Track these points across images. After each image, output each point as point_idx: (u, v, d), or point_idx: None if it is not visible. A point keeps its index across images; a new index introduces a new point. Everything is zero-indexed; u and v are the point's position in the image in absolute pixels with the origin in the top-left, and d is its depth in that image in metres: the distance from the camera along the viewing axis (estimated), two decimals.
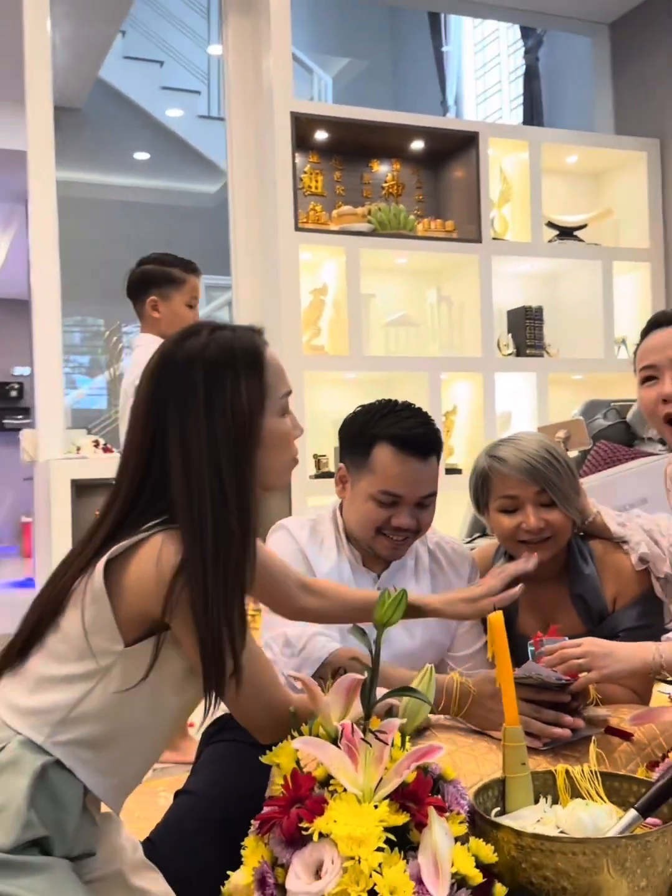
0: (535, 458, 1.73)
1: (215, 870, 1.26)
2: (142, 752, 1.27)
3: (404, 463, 1.65)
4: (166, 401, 1.19)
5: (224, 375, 1.18)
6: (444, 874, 1.00)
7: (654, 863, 1.05)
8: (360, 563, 1.75)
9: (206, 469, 1.16)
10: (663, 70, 4.73)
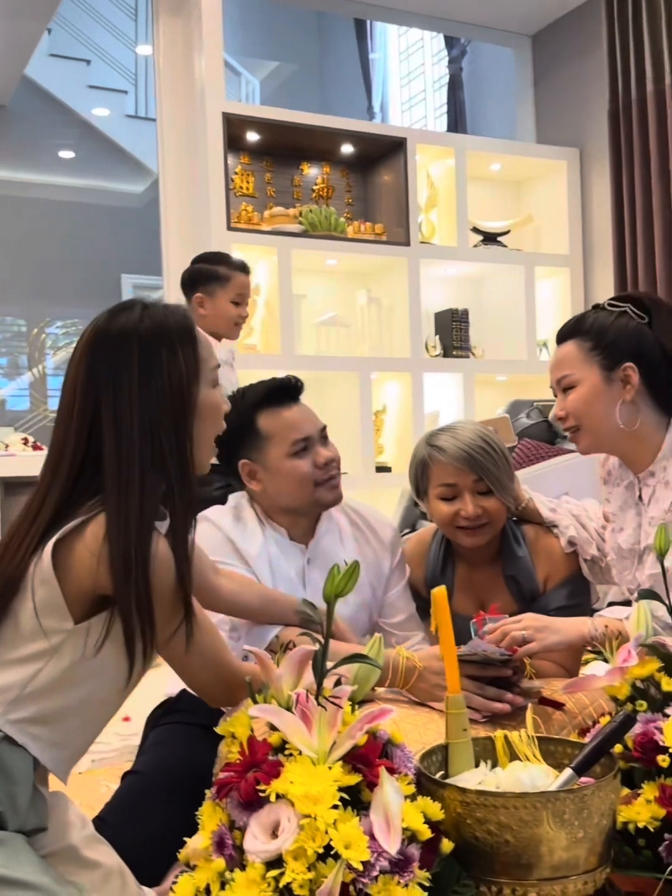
0: (472, 448, 1.80)
1: (167, 841, 1.29)
2: (93, 721, 1.30)
3: (290, 410, 1.76)
4: (101, 374, 1.22)
5: (160, 346, 1.23)
6: (396, 829, 1.05)
7: (590, 815, 1.12)
8: (286, 538, 1.80)
9: (138, 438, 1.20)
10: (583, 82, 4.91)
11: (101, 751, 2.44)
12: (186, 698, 1.75)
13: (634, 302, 1.71)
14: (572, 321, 1.76)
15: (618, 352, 1.68)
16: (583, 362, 1.70)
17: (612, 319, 1.71)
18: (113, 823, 1.44)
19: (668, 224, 4.28)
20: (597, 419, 1.70)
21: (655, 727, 1.29)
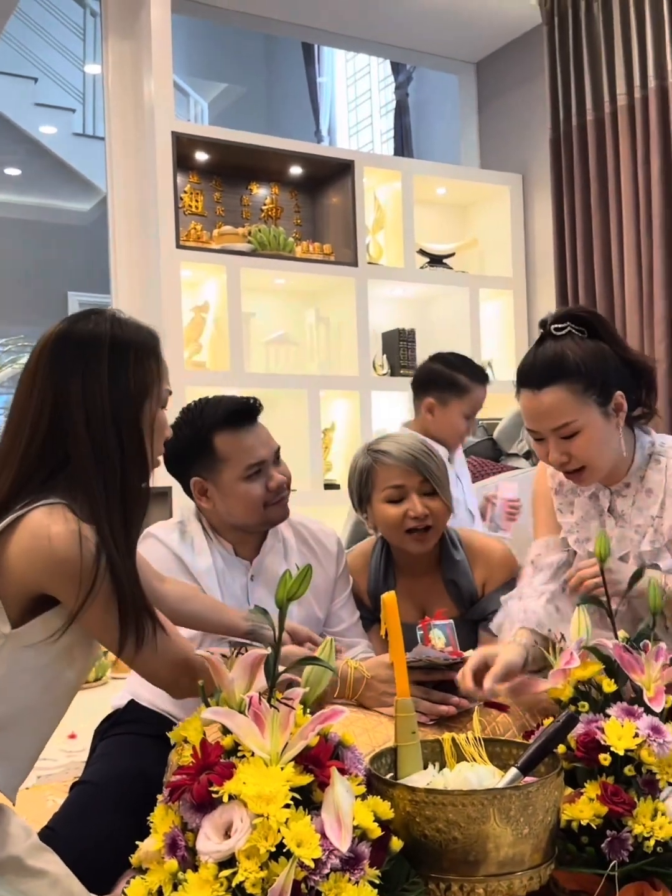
0: (415, 450, 1.88)
1: (117, 848, 1.30)
2: (37, 732, 1.29)
3: (245, 433, 1.76)
4: (68, 372, 1.24)
5: (128, 351, 1.27)
6: (346, 827, 1.07)
7: (535, 811, 1.15)
8: (232, 554, 1.82)
9: (109, 427, 1.23)
10: (525, 109, 5.04)
11: (47, 767, 2.42)
12: (133, 709, 1.75)
13: (572, 318, 1.70)
14: (550, 363, 1.66)
15: (607, 383, 1.66)
16: (581, 406, 1.64)
17: (584, 349, 1.66)
18: (62, 833, 1.44)
19: (607, 248, 4.40)
20: (604, 457, 1.69)
21: (597, 727, 1.33)
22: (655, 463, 1.75)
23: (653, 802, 1.28)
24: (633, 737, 1.30)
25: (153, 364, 1.30)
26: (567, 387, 1.64)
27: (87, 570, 1.18)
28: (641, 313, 4.18)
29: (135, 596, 1.23)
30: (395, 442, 1.91)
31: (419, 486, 1.88)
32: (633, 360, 1.71)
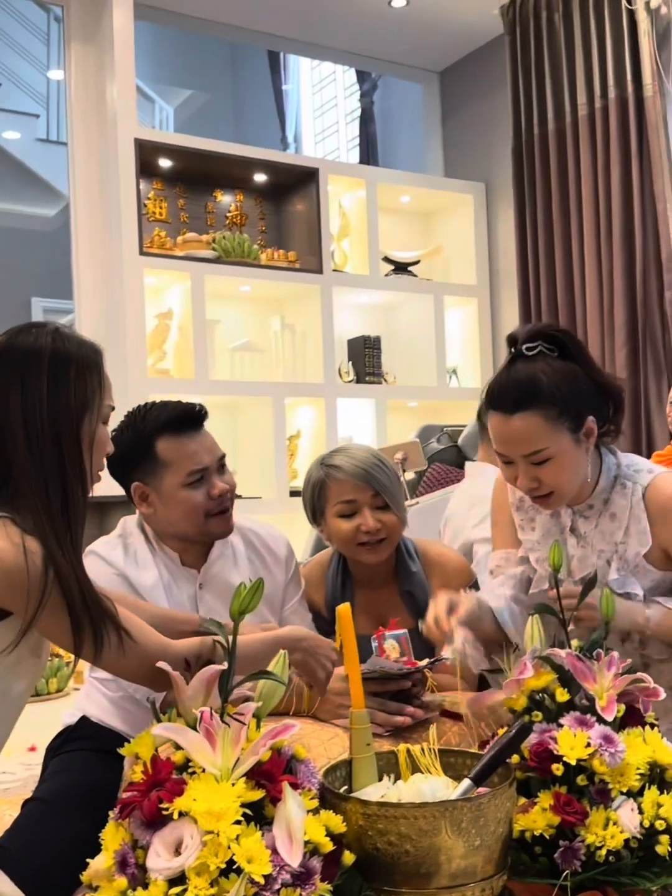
0: (367, 465, 1.88)
1: (69, 865, 1.28)
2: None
3: (191, 439, 1.73)
4: (8, 385, 1.24)
5: (69, 365, 1.26)
6: (298, 842, 1.07)
7: (486, 823, 1.16)
8: (177, 564, 1.80)
9: (48, 441, 1.23)
10: (488, 118, 5.08)
11: (6, 780, 2.39)
12: (85, 726, 1.74)
13: (543, 336, 1.63)
14: (523, 387, 1.60)
15: (580, 410, 1.62)
16: (553, 433, 1.60)
17: (558, 373, 1.60)
18: (14, 850, 1.42)
19: (569, 256, 4.45)
20: (573, 482, 1.66)
21: (550, 737, 1.34)
22: (621, 487, 1.70)
23: (605, 812, 1.29)
24: (586, 746, 1.31)
25: (94, 379, 1.29)
26: (540, 413, 1.59)
27: (35, 583, 1.17)
28: (602, 321, 4.23)
29: (87, 603, 1.22)
30: (348, 456, 1.91)
31: (371, 501, 1.88)
32: (604, 382, 1.66)
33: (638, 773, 1.32)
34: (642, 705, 1.43)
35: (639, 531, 1.68)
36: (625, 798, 1.31)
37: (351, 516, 1.88)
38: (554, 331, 1.65)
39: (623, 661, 1.42)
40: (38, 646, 1.27)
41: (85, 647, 1.22)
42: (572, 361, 1.63)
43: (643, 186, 4.11)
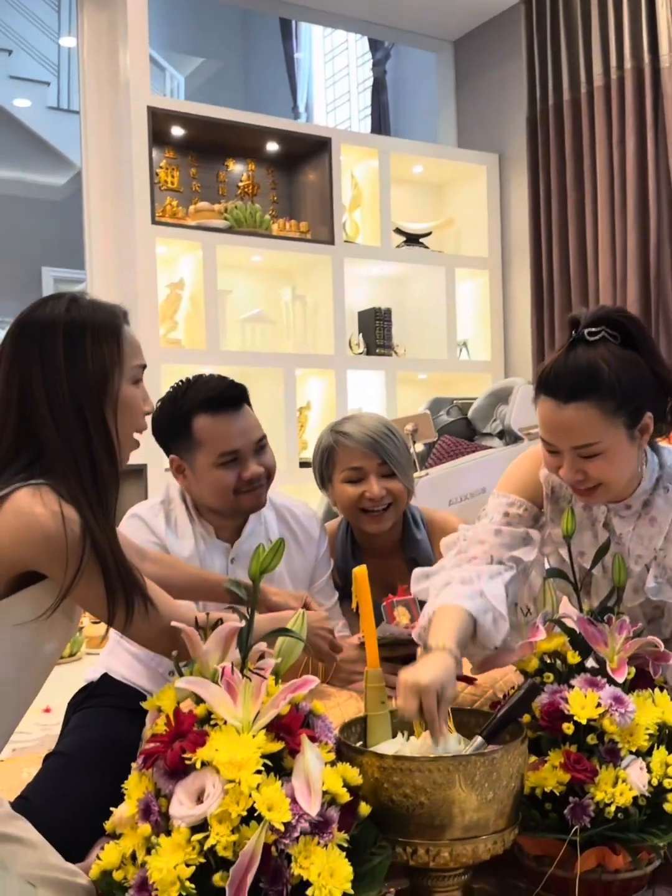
0: (376, 433, 1.91)
1: (91, 817, 1.32)
2: (14, 707, 1.31)
3: (226, 420, 1.74)
4: (29, 359, 1.26)
5: (84, 335, 1.27)
6: (316, 793, 1.10)
7: (499, 777, 1.19)
8: (213, 537, 1.83)
9: (71, 412, 1.24)
10: (503, 88, 5.04)
11: (23, 740, 2.43)
12: (107, 683, 1.77)
13: (607, 321, 1.51)
14: (582, 375, 1.47)
15: (640, 404, 1.50)
16: (608, 427, 1.48)
17: (621, 363, 1.48)
18: (36, 802, 1.46)
19: (582, 228, 4.43)
20: (624, 479, 1.56)
21: (561, 697, 1.37)
22: (664, 490, 1.59)
23: (614, 770, 1.32)
24: (596, 707, 1.34)
25: (113, 343, 1.29)
26: (597, 405, 1.47)
27: (73, 551, 1.20)
28: (615, 295, 4.22)
29: (121, 573, 1.24)
30: (358, 423, 1.94)
31: (378, 469, 1.92)
32: (665, 374, 1.52)
33: (647, 733, 1.35)
34: (652, 668, 1.46)
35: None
36: (633, 757, 1.35)
37: (357, 483, 1.91)
38: (620, 316, 1.52)
39: (634, 625, 1.45)
40: (70, 609, 1.29)
41: (117, 616, 1.25)
42: (635, 350, 1.50)
43: (658, 158, 4.09)
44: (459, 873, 1.23)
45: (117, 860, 1.14)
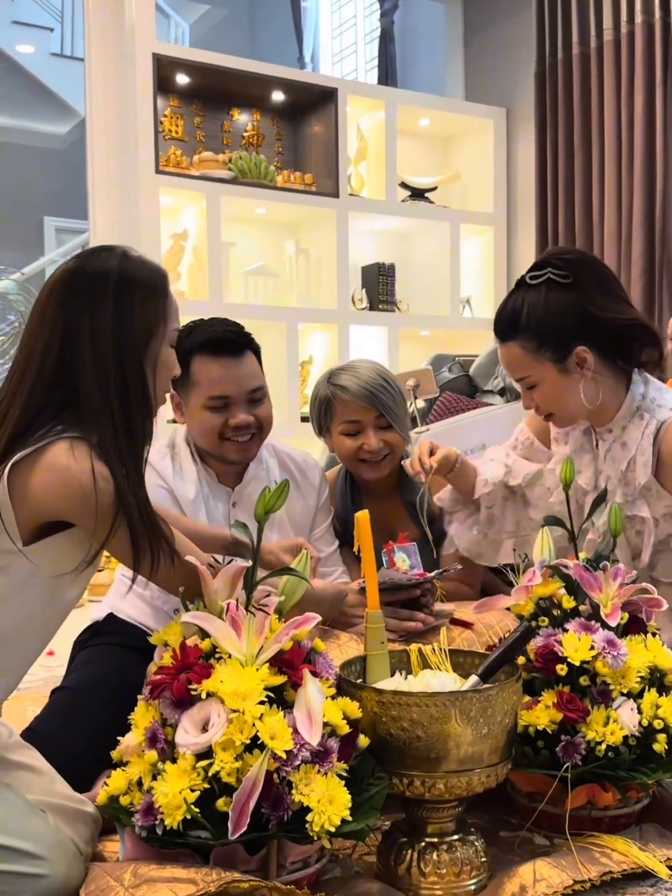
0: (373, 386, 1.92)
1: (97, 750, 1.36)
2: (32, 648, 1.35)
3: (221, 364, 1.75)
4: (76, 307, 1.27)
5: (135, 289, 1.29)
6: (317, 724, 1.14)
7: (494, 713, 1.23)
8: (215, 481, 1.85)
9: (113, 363, 1.26)
10: (511, 41, 4.97)
11: (27, 681, 2.46)
12: (113, 622, 1.81)
13: (555, 266, 1.67)
14: (507, 318, 1.70)
15: (564, 340, 1.66)
16: (534, 363, 1.69)
17: (544, 303, 1.65)
18: (43, 734, 1.50)
19: (588, 184, 4.40)
20: (567, 408, 1.73)
21: (555, 640, 1.40)
22: (639, 419, 1.72)
23: (605, 711, 1.36)
24: (590, 649, 1.37)
25: (159, 303, 1.32)
26: (520, 344, 1.70)
27: (106, 509, 1.22)
28: (619, 251, 4.21)
29: (147, 527, 1.26)
30: (354, 375, 1.96)
31: (375, 421, 1.95)
32: (596, 311, 1.66)
33: (638, 675, 1.39)
34: (645, 615, 1.49)
35: (643, 462, 1.71)
36: (625, 699, 1.39)
37: (355, 435, 1.95)
38: (558, 258, 1.66)
39: (629, 573, 1.48)
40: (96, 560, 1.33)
41: (143, 566, 1.27)
42: (580, 290, 1.65)
43: (666, 114, 4.05)
44: (453, 805, 1.28)
45: (124, 786, 1.18)
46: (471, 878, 1.25)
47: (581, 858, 1.27)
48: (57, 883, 1.18)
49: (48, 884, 1.18)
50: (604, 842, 1.33)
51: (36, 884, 1.17)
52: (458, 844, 1.27)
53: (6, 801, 1.21)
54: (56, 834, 1.22)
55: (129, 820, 1.16)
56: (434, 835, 1.27)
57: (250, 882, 1.08)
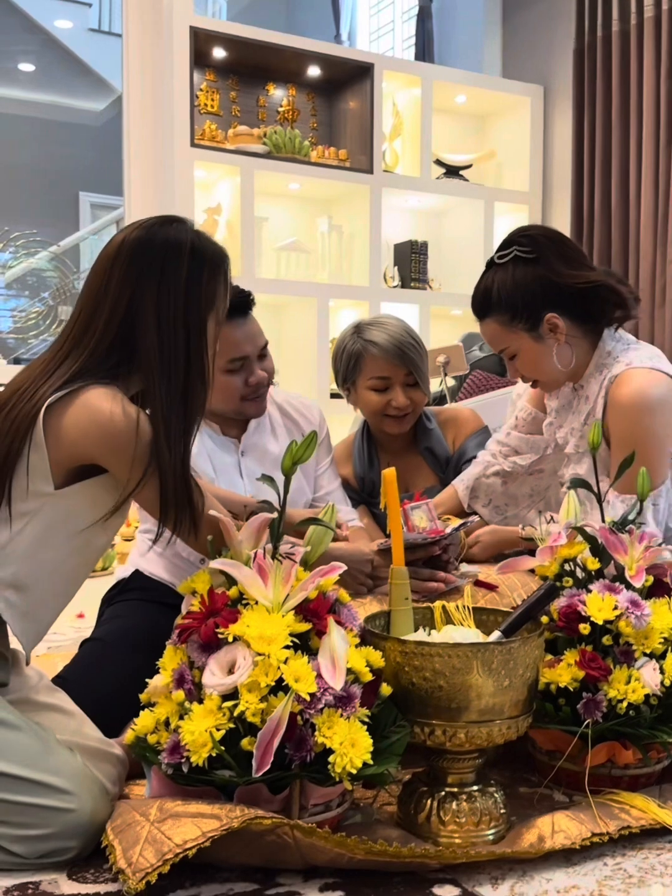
0: (404, 344, 1.98)
1: (126, 698, 1.39)
2: (60, 595, 1.38)
3: (234, 326, 1.77)
4: (148, 271, 1.31)
5: (204, 264, 1.34)
6: (340, 669, 1.17)
7: (515, 666, 1.24)
8: (219, 434, 1.89)
9: (179, 330, 1.31)
10: (550, 18, 4.92)
11: (57, 640, 2.53)
12: (139, 578, 1.85)
13: (519, 244, 1.78)
14: (480, 297, 1.82)
15: (534, 310, 1.77)
16: (510, 335, 1.81)
17: (511, 278, 1.77)
18: (73, 681, 1.54)
19: (626, 163, 4.36)
20: (547, 372, 1.82)
21: (579, 600, 1.41)
22: (598, 372, 1.81)
23: (628, 670, 1.37)
24: (613, 609, 1.38)
25: (223, 280, 1.37)
26: (495, 319, 1.81)
27: (140, 456, 1.26)
28: (656, 232, 4.17)
29: (178, 495, 1.29)
30: (384, 332, 2.00)
31: (404, 379, 2.01)
32: (559, 280, 1.76)
33: (661, 636, 1.40)
34: (670, 579, 1.50)
35: (597, 415, 1.81)
36: (647, 659, 1.39)
37: (383, 391, 1.99)
38: (521, 237, 1.78)
39: (654, 535, 1.48)
40: (126, 505, 1.36)
41: (167, 524, 1.31)
42: (544, 262, 1.76)
43: None
44: (474, 756, 1.29)
45: (152, 725, 1.21)
46: (489, 829, 1.27)
47: (600, 813, 1.29)
48: (83, 818, 1.21)
49: (75, 818, 1.21)
50: (623, 798, 1.34)
51: (63, 818, 1.20)
52: (478, 795, 1.29)
53: (36, 737, 1.25)
54: (84, 771, 1.26)
55: (155, 758, 1.19)
56: (454, 785, 1.29)
57: (273, 819, 1.11)
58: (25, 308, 6.36)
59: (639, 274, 4.23)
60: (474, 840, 1.26)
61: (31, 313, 6.10)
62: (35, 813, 1.20)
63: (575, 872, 1.21)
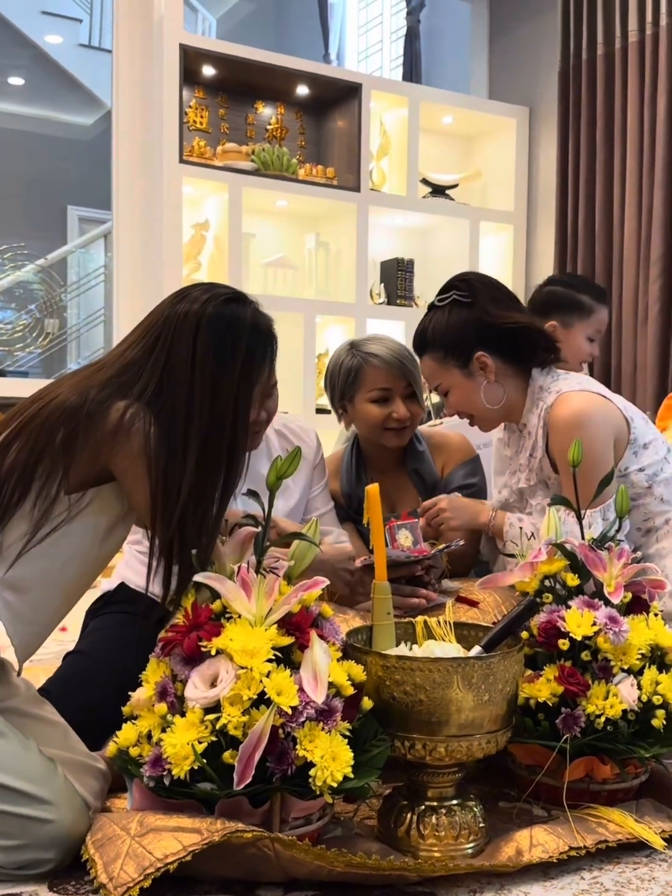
0: (403, 356, 2.03)
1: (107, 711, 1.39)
2: (57, 603, 1.39)
3: None
4: (206, 346, 1.36)
5: (265, 349, 1.44)
6: (322, 683, 1.18)
7: (495, 681, 1.26)
8: None
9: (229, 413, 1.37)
10: (536, 41, 4.99)
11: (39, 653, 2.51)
12: (124, 591, 1.85)
13: (458, 288, 1.90)
14: (418, 336, 1.95)
15: (464, 348, 1.88)
16: (442, 371, 1.91)
17: (446, 319, 1.89)
18: (56, 693, 1.54)
19: (609, 185, 4.42)
20: (478, 408, 1.92)
21: (558, 616, 1.43)
22: (535, 407, 1.90)
23: (606, 685, 1.39)
24: (592, 625, 1.40)
25: (271, 357, 1.47)
26: (430, 356, 1.92)
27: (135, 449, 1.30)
28: (638, 253, 4.22)
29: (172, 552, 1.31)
30: (384, 345, 2.04)
31: (403, 391, 2.03)
32: (489, 320, 1.88)
33: (639, 653, 1.42)
34: (648, 596, 1.52)
35: (541, 447, 1.88)
36: (625, 675, 1.41)
37: (384, 403, 2.01)
38: (458, 282, 1.92)
39: (633, 553, 1.51)
40: (130, 519, 1.39)
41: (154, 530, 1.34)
42: (478, 306, 1.88)
43: None
44: (453, 770, 1.31)
45: (134, 738, 1.22)
46: (468, 842, 1.28)
47: (577, 827, 1.30)
48: (62, 830, 1.21)
49: (53, 830, 1.20)
50: (600, 813, 1.36)
51: (40, 829, 1.20)
52: (457, 809, 1.30)
53: (20, 745, 1.25)
54: (65, 782, 1.26)
55: (137, 771, 1.20)
56: (434, 799, 1.30)
57: (253, 832, 1.12)
58: (12, 320, 6.36)
59: (622, 293, 4.28)
60: (453, 853, 1.27)
61: (18, 326, 6.10)
62: (13, 822, 1.20)
63: (552, 886, 1.23)
